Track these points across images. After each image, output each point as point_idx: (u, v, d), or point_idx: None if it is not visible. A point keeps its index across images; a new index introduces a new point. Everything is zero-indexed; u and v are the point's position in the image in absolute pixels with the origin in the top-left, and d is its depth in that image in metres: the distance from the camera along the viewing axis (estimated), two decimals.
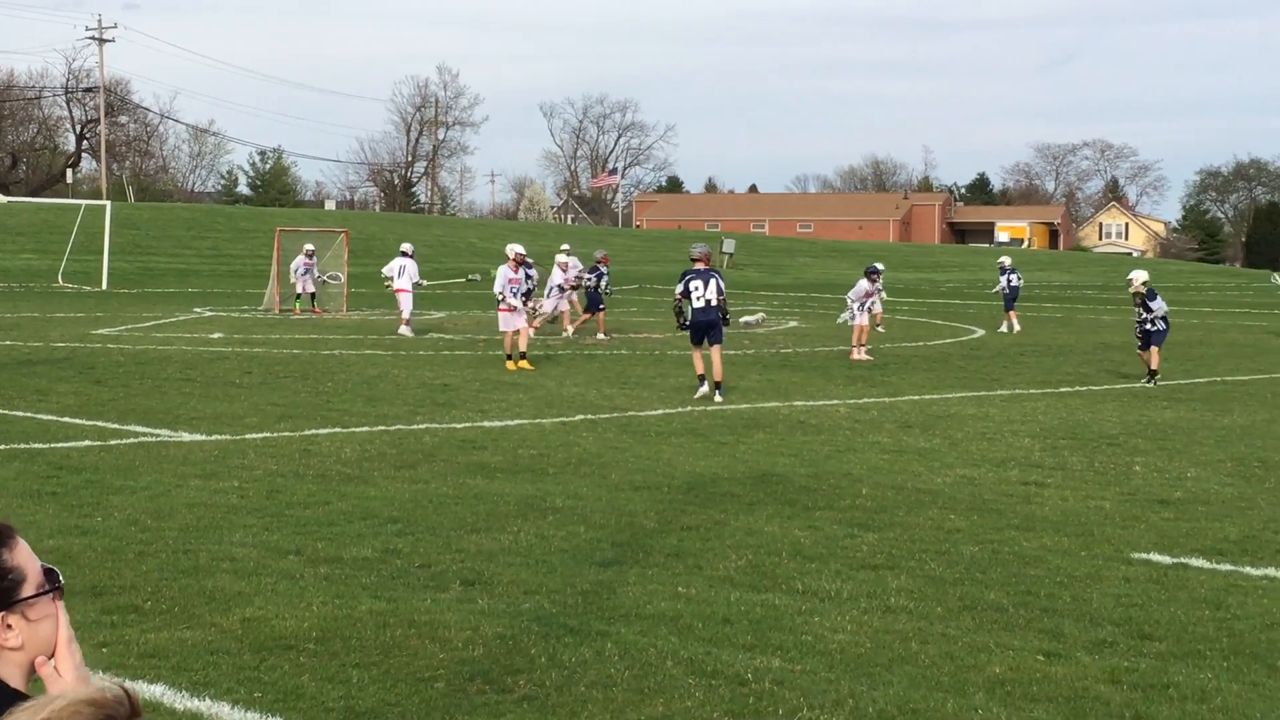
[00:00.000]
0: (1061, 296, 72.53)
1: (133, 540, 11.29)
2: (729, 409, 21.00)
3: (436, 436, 17.54)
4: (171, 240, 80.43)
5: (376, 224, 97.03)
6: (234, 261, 74.46)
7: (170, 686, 7.77)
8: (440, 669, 8.17)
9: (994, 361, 31.35)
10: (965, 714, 7.61)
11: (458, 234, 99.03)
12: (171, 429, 17.59)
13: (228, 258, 76.08)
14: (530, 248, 37.80)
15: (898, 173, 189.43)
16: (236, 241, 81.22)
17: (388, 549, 11.19)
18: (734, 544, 11.66)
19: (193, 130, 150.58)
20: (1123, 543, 12.09)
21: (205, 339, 32.64)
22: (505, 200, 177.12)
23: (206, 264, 73.72)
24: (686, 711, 7.58)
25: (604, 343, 34.96)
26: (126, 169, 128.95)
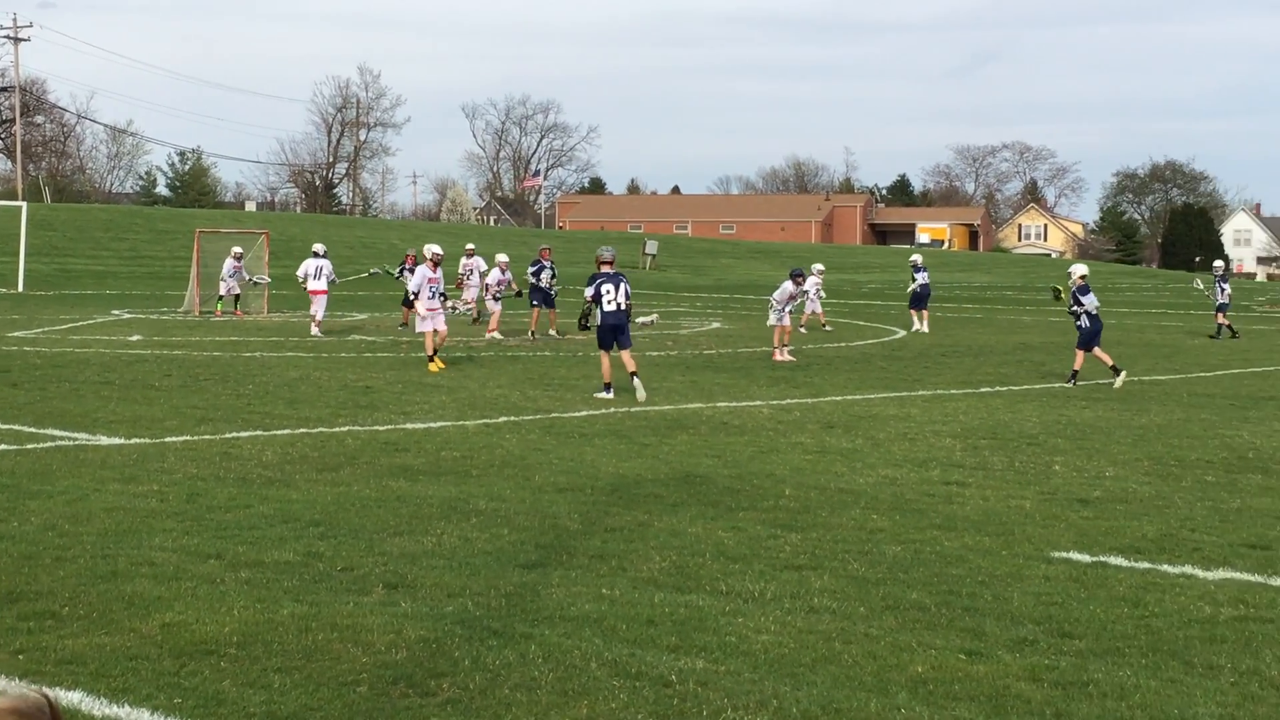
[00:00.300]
0: (981, 297, 73.05)
1: (50, 545, 11.17)
2: (652, 410, 21.02)
3: (359, 439, 17.45)
4: (89, 242, 79.70)
5: (298, 225, 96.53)
6: (153, 263, 73.86)
7: (89, 693, 7.69)
8: (363, 673, 8.13)
9: (915, 362, 31.53)
10: (889, 713, 7.65)
11: (380, 235, 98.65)
12: (89, 432, 17.42)
13: (146, 259, 75.48)
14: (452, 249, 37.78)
15: (819, 174, 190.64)
16: (155, 243, 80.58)
17: (310, 552, 11.13)
18: (658, 545, 11.67)
19: (110, 130, 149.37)
20: (1043, 542, 12.19)
21: (124, 341, 32.34)
22: (428, 201, 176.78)
23: (125, 266, 73.08)
24: (611, 713, 7.58)
25: (528, 343, 34.89)
26: (43, 170, 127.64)
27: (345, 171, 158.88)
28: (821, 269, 44.12)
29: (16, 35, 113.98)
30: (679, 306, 56.61)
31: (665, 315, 47.01)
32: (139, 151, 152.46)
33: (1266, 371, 30.88)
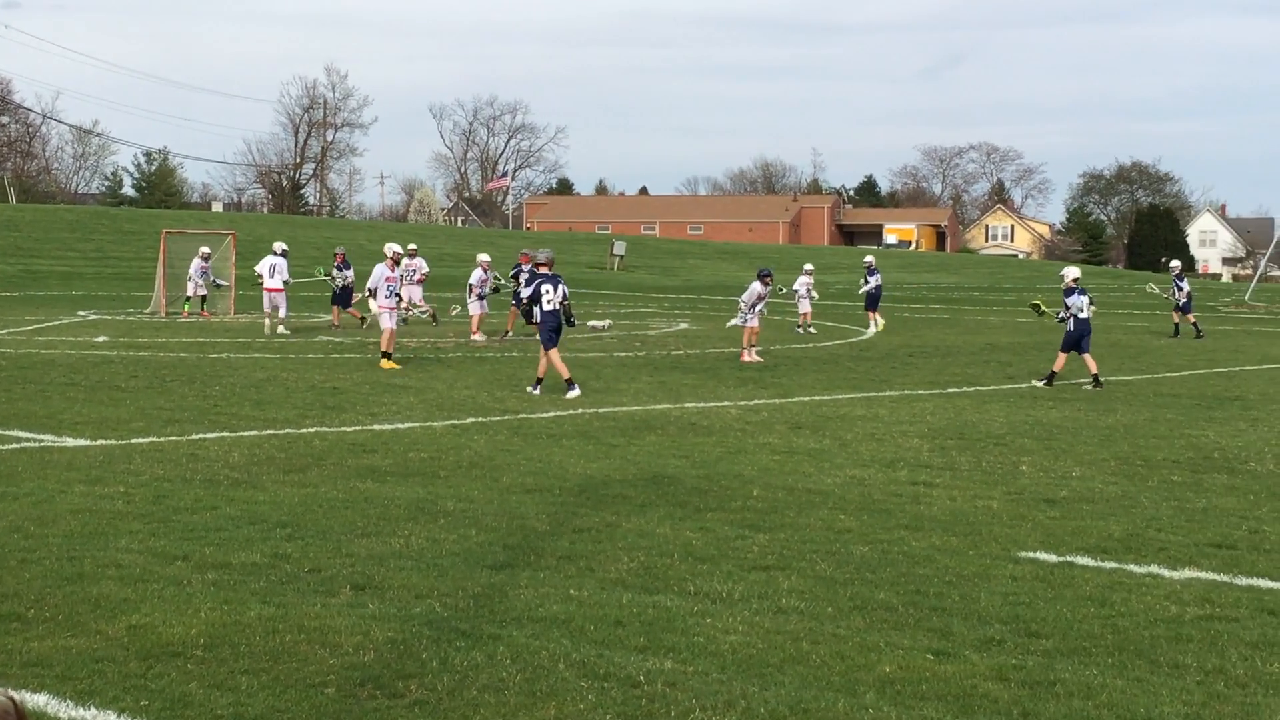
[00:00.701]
0: (949, 298, 73.24)
1: (15, 547, 11.12)
2: (620, 411, 21.02)
3: (326, 440, 17.42)
4: (55, 242, 79.30)
5: (264, 226, 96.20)
6: (119, 264, 73.53)
7: (55, 695, 7.66)
8: (330, 674, 8.11)
9: (883, 363, 31.61)
10: (856, 713, 7.66)
11: (347, 236, 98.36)
12: (55, 434, 17.35)
13: (113, 260, 75.14)
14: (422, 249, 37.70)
15: (787, 175, 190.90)
16: (122, 244, 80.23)
17: (277, 554, 11.10)
18: (626, 546, 11.67)
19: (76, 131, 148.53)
20: (1010, 542, 12.23)
21: (90, 342, 32.21)
22: (395, 202, 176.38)
23: (91, 266, 72.74)
24: (579, 714, 7.57)
25: (497, 342, 34.90)
26: (8, 170, 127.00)
27: (312, 172, 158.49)
28: (811, 269, 44.12)
29: None
30: (646, 307, 56.62)
31: (633, 316, 47.01)
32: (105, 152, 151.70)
33: (1231, 372, 31.04)
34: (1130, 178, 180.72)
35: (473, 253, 42.54)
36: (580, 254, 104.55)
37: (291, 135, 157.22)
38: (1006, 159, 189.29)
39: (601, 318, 44.60)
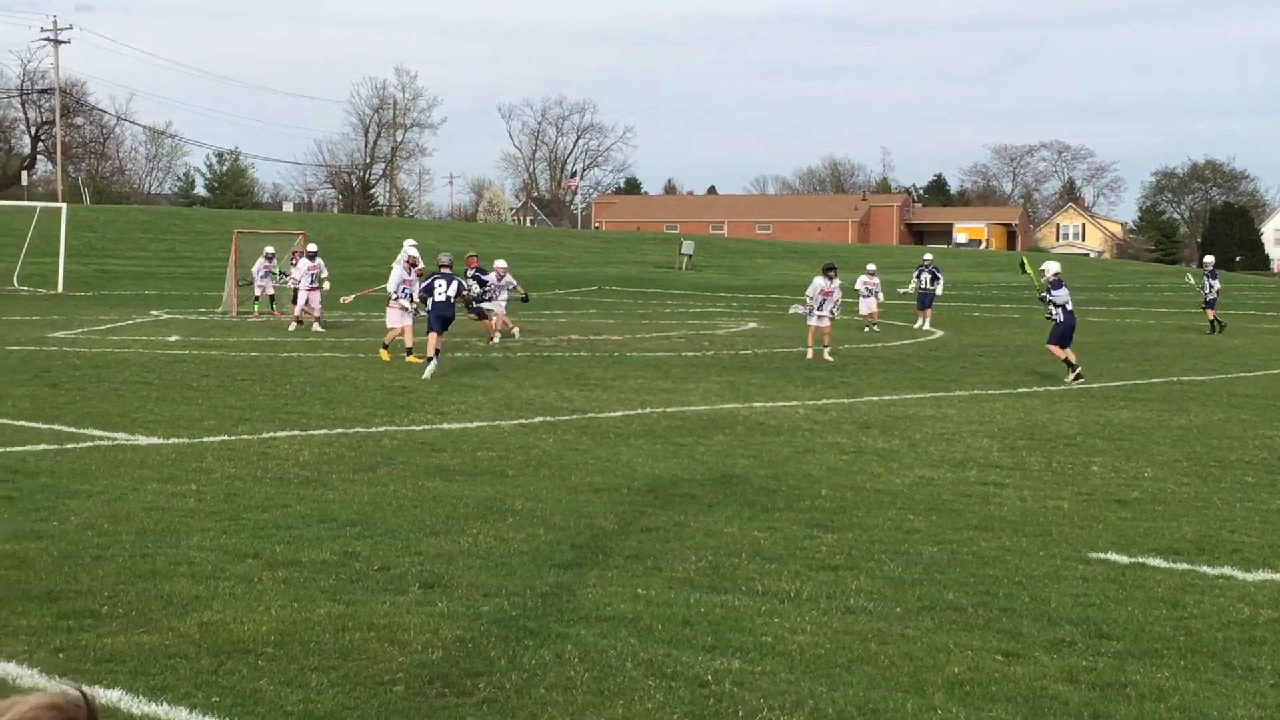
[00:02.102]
0: (1020, 297, 72.77)
1: (89, 544, 11.22)
2: (688, 410, 21.01)
3: (395, 439, 17.49)
4: (128, 243, 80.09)
5: (335, 226, 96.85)
6: (191, 264, 74.16)
7: (127, 691, 7.73)
8: (399, 672, 8.15)
9: (952, 362, 31.45)
10: (924, 714, 7.63)
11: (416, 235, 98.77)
12: (128, 432, 17.50)
13: (185, 260, 75.79)
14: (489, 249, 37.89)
15: (856, 174, 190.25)
16: (194, 244, 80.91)
17: (346, 552, 11.16)
18: (693, 545, 11.67)
19: (149, 132, 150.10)
20: (1081, 542, 12.14)
21: (162, 342, 32.49)
22: (464, 202, 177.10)
23: (164, 266, 73.42)
24: (646, 713, 7.58)
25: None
26: (82, 171, 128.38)
27: (382, 172, 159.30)
28: (873, 269, 44.00)
29: (56, 38, 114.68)
30: (715, 307, 56.61)
31: (701, 316, 46.93)
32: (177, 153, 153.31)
33: None
34: (1204, 176, 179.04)
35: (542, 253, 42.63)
36: (648, 253, 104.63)
37: (361, 136, 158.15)
38: (1078, 157, 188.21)
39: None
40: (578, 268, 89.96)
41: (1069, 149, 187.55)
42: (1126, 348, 37.71)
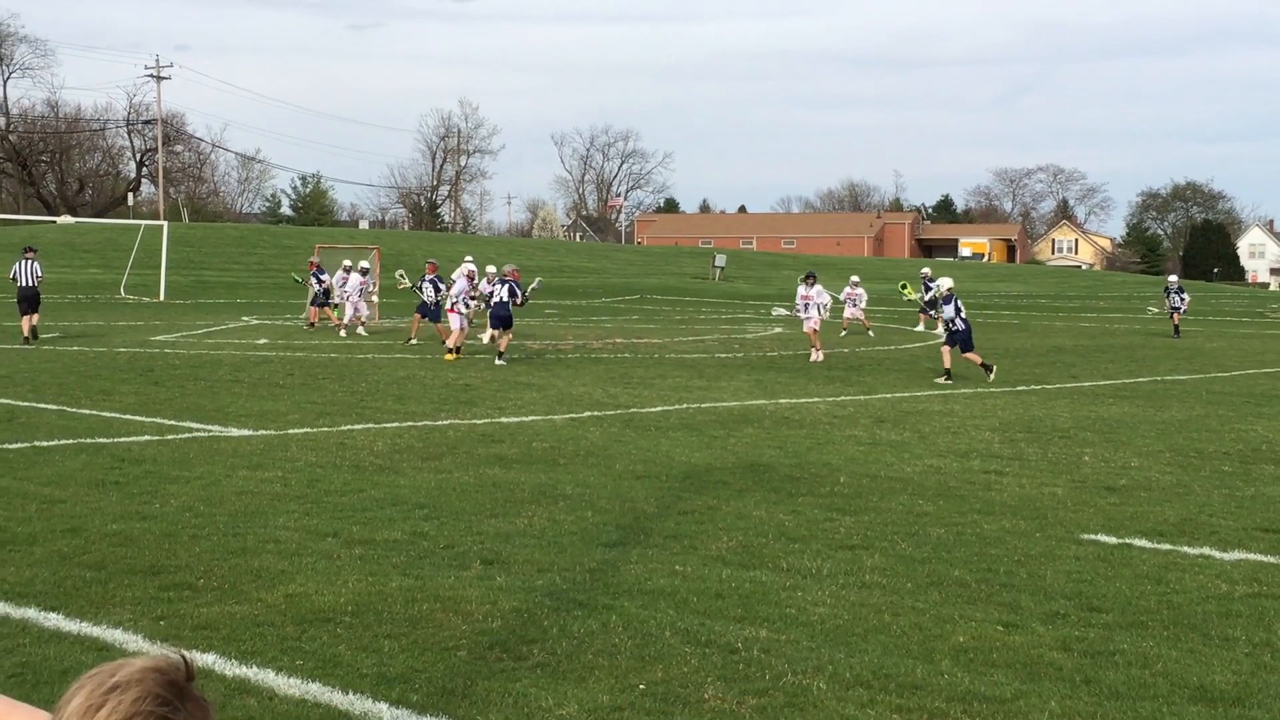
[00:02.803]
0: (1018, 305, 72.47)
1: (187, 525, 11.28)
2: (721, 406, 20.98)
3: (459, 431, 17.52)
4: (222, 256, 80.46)
5: (405, 241, 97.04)
6: (278, 275, 74.41)
7: (221, 655, 7.76)
8: (463, 639, 8.16)
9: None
10: (933, 678, 7.60)
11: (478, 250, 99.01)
12: (222, 425, 17.58)
13: (272, 272, 76.05)
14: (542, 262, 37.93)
15: (871, 194, 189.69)
16: (280, 257, 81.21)
17: (415, 532, 11.18)
18: (725, 527, 11.65)
19: (241, 158, 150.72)
20: (1074, 525, 12.07)
21: (252, 344, 32.62)
22: (521, 220, 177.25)
23: (253, 277, 73.71)
24: (683, 677, 7.57)
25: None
26: (182, 193, 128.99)
27: (447, 193, 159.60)
28: (856, 280, 43.98)
29: (158, 74, 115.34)
30: (744, 314, 56.51)
31: (732, 321, 46.83)
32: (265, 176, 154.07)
33: (1279, 372, 30.42)
34: (1185, 196, 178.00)
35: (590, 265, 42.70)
36: (685, 265, 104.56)
37: (429, 160, 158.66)
38: (1071, 179, 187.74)
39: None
40: (622, 279, 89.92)
41: (1063, 171, 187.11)
42: (1115, 350, 37.48)
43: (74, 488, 12.80)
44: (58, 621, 8.37)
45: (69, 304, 51.58)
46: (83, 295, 58.44)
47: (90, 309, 48.81)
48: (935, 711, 7.10)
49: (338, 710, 6.96)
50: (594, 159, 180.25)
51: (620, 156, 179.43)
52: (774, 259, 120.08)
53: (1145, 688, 7.55)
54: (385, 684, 7.35)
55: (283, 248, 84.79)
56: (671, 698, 7.23)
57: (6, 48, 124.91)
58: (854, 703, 7.20)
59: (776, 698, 7.26)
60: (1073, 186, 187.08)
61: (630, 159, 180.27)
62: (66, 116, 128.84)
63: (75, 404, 19.38)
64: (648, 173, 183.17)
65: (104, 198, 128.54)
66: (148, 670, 2.26)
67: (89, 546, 10.40)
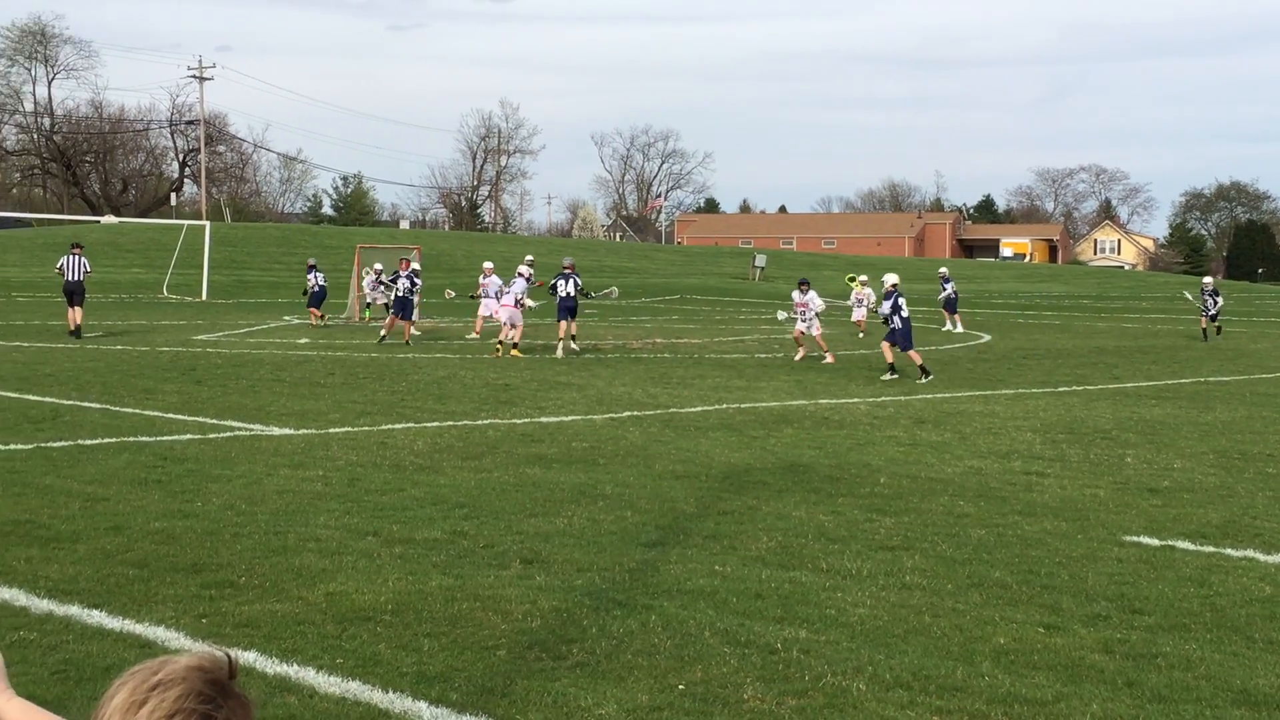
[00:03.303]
0: (1060, 305, 72.12)
1: (229, 523, 11.34)
2: (760, 406, 20.95)
3: (499, 431, 17.55)
4: (263, 256, 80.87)
5: (446, 241, 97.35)
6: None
7: (262, 653, 7.80)
8: (502, 638, 8.17)
9: (999, 364, 31.19)
10: (973, 680, 7.57)
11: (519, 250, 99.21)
12: (264, 424, 17.66)
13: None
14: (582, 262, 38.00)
15: (912, 194, 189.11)
16: (321, 257, 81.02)
17: (455, 531, 11.21)
18: (765, 527, 11.64)
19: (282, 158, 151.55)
20: (1116, 527, 12.01)
21: (293, 344, 32.77)
22: (561, 220, 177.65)
23: (295, 277, 73.90)
24: (723, 677, 7.56)
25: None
26: (224, 193, 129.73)
27: (488, 193, 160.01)
28: (864, 279, 43.98)
29: (201, 75, 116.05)
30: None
31: (772, 322, 46.74)
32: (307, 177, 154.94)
33: None
34: (1229, 196, 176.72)
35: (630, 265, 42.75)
36: (725, 266, 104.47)
37: (469, 161, 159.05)
38: (1114, 179, 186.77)
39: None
40: (662, 279, 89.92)
41: (1106, 171, 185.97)
42: (1158, 351, 37.25)
43: (117, 486, 12.89)
44: (101, 619, 8.43)
45: (112, 303, 51.93)
46: (126, 295, 58.84)
47: (133, 308, 49.14)
48: (976, 713, 7.08)
49: (378, 708, 6.98)
50: (634, 159, 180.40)
51: (660, 156, 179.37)
52: (814, 259, 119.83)
53: (1188, 691, 7.50)
54: (425, 682, 7.37)
55: (324, 247, 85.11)
56: (711, 698, 7.22)
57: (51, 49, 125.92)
58: (894, 704, 7.19)
59: (816, 699, 7.24)
60: (1115, 186, 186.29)
61: (670, 159, 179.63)
62: (110, 117, 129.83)
63: (119, 403, 19.51)
64: (688, 173, 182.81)
65: (147, 198, 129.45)
66: (191, 668, 2.28)
67: (132, 544, 10.47)
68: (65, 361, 26.21)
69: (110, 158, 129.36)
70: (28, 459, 14.37)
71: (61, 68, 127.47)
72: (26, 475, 13.34)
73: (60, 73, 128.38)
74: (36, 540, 10.54)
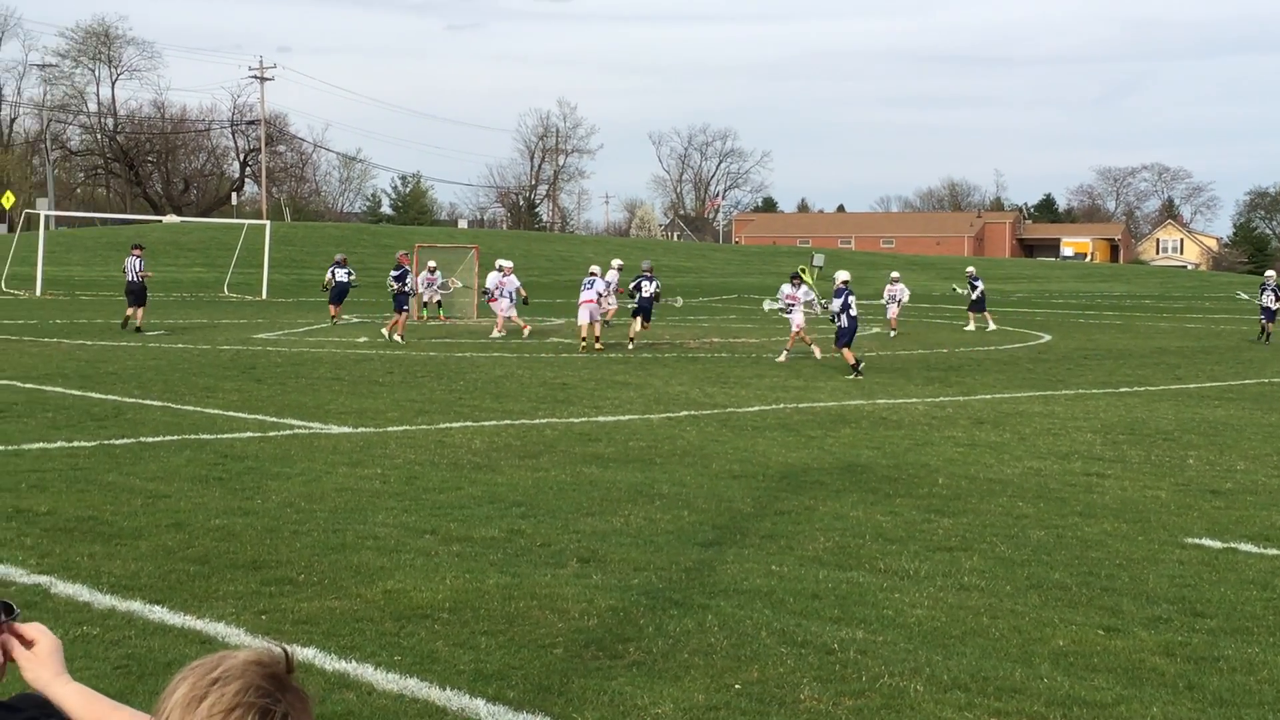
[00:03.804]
0: (1121, 305, 71.54)
1: (288, 520, 11.42)
2: (818, 406, 20.90)
3: (556, 430, 17.59)
4: (323, 255, 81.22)
5: (504, 241, 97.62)
6: (378, 274, 74.91)
7: (321, 650, 7.85)
8: (559, 637, 8.19)
9: (1059, 364, 30.97)
10: (1032, 682, 7.53)
11: (576, 249, 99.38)
12: (322, 422, 17.77)
13: (372, 271, 76.65)
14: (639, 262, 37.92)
15: (972, 193, 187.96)
16: (380, 256, 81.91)
17: (513, 529, 11.24)
18: (822, 527, 11.61)
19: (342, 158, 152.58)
20: (1177, 528, 11.91)
21: (352, 343, 32.96)
22: (618, 219, 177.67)
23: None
24: (779, 677, 7.56)
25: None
26: (284, 192, 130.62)
27: (545, 193, 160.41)
28: (896, 276, 43.93)
29: (261, 76, 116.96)
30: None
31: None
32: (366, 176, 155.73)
33: None
34: None
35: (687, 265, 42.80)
36: (783, 265, 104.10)
37: (527, 160, 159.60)
38: (1177, 178, 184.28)
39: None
40: (719, 278, 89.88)
41: (1168, 170, 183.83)
42: (1221, 352, 36.89)
43: (178, 483, 13.01)
44: (162, 615, 8.51)
45: (174, 302, 52.40)
46: (187, 293, 59.35)
47: (194, 307, 49.56)
48: (1034, 715, 7.04)
49: (435, 705, 7.02)
50: (692, 158, 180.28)
51: (718, 156, 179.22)
52: (873, 258, 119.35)
53: (1250, 694, 7.44)
54: (482, 680, 7.40)
55: (382, 246, 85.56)
56: (767, 698, 7.22)
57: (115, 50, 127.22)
58: (951, 705, 7.16)
59: (873, 699, 7.22)
60: (1178, 185, 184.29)
61: (728, 158, 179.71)
62: (172, 117, 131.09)
63: (180, 401, 19.68)
64: (745, 172, 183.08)
65: (208, 197, 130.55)
66: (249, 663, 2.31)
67: (193, 541, 10.56)
68: (128, 360, 26.47)
69: (172, 157, 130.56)
70: (91, 456, 14.53)
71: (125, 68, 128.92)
72: (90, 472, 13.48)
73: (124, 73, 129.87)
74: (99, 536, 10.66)
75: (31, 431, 16.13)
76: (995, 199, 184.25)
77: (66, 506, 11.76)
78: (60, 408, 18.44)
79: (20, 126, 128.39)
